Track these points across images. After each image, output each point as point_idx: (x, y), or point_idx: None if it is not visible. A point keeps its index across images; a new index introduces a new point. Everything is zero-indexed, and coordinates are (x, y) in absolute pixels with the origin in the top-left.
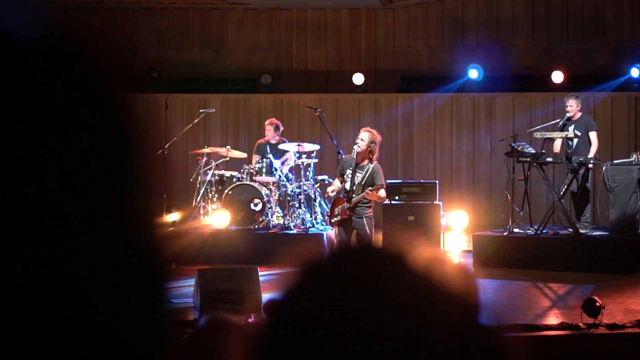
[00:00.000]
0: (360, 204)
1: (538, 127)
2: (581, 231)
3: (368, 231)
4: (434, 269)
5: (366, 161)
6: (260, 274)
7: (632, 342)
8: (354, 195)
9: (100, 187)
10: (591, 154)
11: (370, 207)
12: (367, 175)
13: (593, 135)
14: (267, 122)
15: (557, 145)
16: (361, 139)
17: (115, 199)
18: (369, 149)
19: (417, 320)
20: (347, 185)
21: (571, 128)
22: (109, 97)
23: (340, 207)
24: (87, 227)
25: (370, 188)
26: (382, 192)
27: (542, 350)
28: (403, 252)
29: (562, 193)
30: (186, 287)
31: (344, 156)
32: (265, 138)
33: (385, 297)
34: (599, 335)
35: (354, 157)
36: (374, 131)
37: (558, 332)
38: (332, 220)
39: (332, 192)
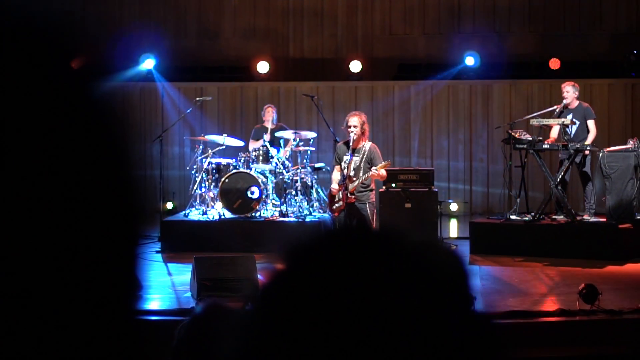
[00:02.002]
0: (361, 189)
1: (535, 114)
2: (586, 217)
3: (370, 217)
4: (425, 253)
5: (361, 143)
6: (257, 261)
7: (629, 328)
8: (354, 180)
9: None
10: (589, 142)
11: (372, 191)
12: (365, 156)
13: (591, 124)
14: (268, 106)
15: (554, 133)
16: (354, 126)
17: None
18: (361, 131)
19: (408, 305)
20: (346, 171)
21: (569, 116)
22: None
23: (340, 193)
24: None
25: (374, 167)
26: (383, 171)
27: (540, 337)
28: (394, 236)
29: (558, 180)
30: (183, 275)
31: (337, 144)
32: (264, 122)
33: (375, 281)
34: (597, 322)
35: (350, 143)
36: (359, 112)
37: (555, 319)
38: (334, 207)
39: (335, 189)
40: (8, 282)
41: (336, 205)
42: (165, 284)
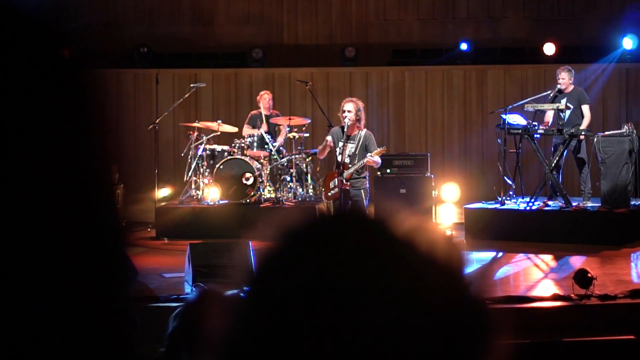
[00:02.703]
0: (356, 176)
1: (529, 99)
2: (584, 203)
3: (364, 203)
4: (418, 236)
5: (356, 130)
6: (252, 248)
7: (623, 312)
8: (350, 166)
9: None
10: (583, 126)
11: (366, 177)
12: (360, 143)
13: (586, 108)
14: (264, 92)
15: (548, 117)
16: (348, 111)
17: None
18: (357, 117)
19: (401, 290)
20: (340, 158)
21: (563, 101)
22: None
23: (335, 180)
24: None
25: (369, 153)
26: (378, 157)
27: (534, 322)
28: (386, 219)
29: (553, 164)
30: (178, 262)
31: (332, 128)
32: (260, 108)
33: (367, 265)
34: (591, 306)
35: (345, 130)
36: (355, 99)
37: (550, 304)
38: (329, 194)
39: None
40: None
41: (332, 192)
42: (160, 271)
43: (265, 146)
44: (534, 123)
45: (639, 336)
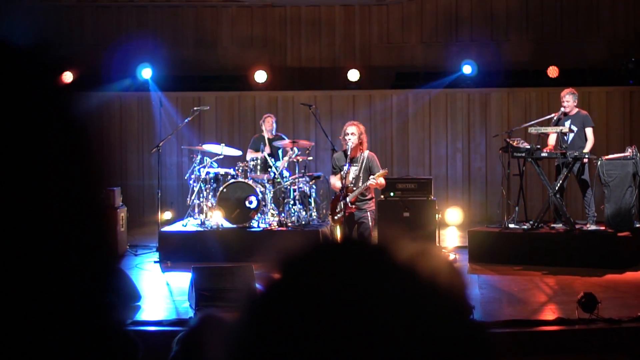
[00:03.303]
0: (362, 198)
1: (533, 122)
2: (588, 226)
3: (370, 225)
4: (420, 263)
5: (359, 152)
6: (255, 271)
7: (628, 337)
8: (354, 189)
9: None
10: (587, 150)
11: (371, 199)
12: (364, 165)
13: (589, 132)
14: (267, 115)
15: (552, 140)
16: (351, 134)
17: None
18: (359, 140)
19: (403, 316)
20: (345, 181)
21: (567, 123)
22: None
23: (341, 203)
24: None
25: (373, 176)
26: (382, 180)
27: (539, 346)
28: (388, 245)
29: (557, 188)
30: (181, 285)
31: (334, 154)
32: (263, 131)
33: (369, 292)
34: (596, 330)
35: (348, 153)
36: (357, 122)
37: (554, 327)
38: (335, 218)
39: (338, 187)
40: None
41: (337, 215)
42: (163, 294)
43: (269, 169)
44: (537, 146)
45: None
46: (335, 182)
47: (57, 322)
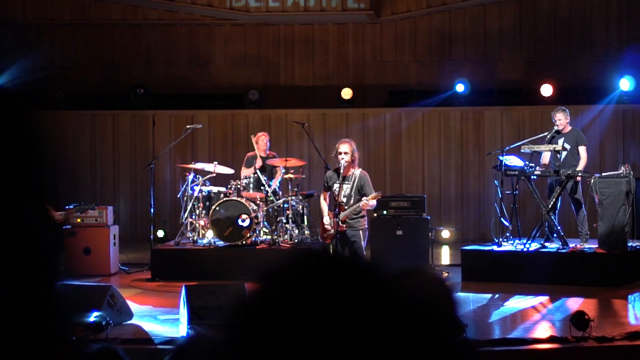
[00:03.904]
0: (353, 216)
1: (526, 140)
2: (582, 244)
3: (362, 243)
4: (410, 280)
5: (351, 170)
6: (247, 290)
7: (621, 355)
8: (345, 208)
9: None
10: (580, 168)
11: (364, 217)
12: (355, 183)
13: (582, 150)
14: (261, 133)
15: (545, 158)
16: (344, 152)
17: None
18: (352, 158)
19: (386, 333)
20: (337, 199)
21: (560, 141)
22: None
23: (332, 221)
24: None
25: (365, 198)
26: (373, 201)
27: None
28: (373, 261)
29: (550, 206)
30: (173, 303)
31: (327, 172)
32: (256, 151)
33: (351, 308)
34: (588, 349)
35: (341, 171)
36: (349, 140)
37: (547, 346)
38: (325, 235)
39: (328, 224)
40: None
41: (328, 233)
42: (155, 313)
43: (262, 187)
44: (530, 164)
45: None
46: (322, 203)
47: None
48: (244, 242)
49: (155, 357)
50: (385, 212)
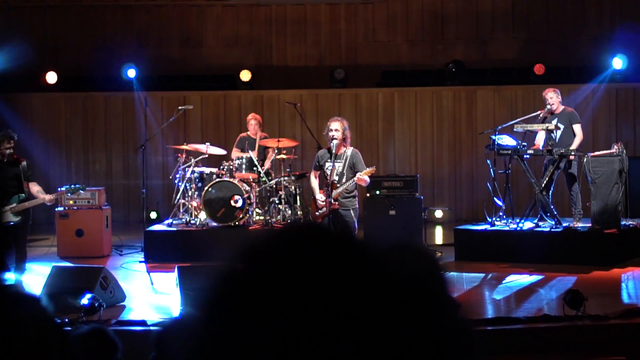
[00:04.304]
0: (346, 195)
1: (519, 119)
2: (575, 223)
3: (354, 222)
4: (395, 257)
5: (343, 149)
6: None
7: (615, 333)
8: (338, 186)
9: None
10: (574, 146)
11: (355, 197)
12: (347, 161)
13: (577, 128)
14: (251, 116)
15: (539, 139)
16: (335, 130)
17: None
18: (343, 136)
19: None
20: (329, 178)
21: (554, 121)
22: None
23: (325, 200)
24: None
25: (359, 173)
26: (367, 177)
27: (525, 343)
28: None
29: (543, 185)
30: (167, 285)
31: (319, 151)
32: (248, 132)
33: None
34: (582, 327)
35: (333, 150)
36: (341, 118)
37: (541, 325)
38: (317, 213)
39: (322, 200)
40: None
41: (319, 211)
42: (148, 294)
43: (254, 168)
44: (523, 143)
45: (629, 357)
46: (313, 181)
47: None
48: (236, 222)
49: (147, 339)
50: (378, 192)
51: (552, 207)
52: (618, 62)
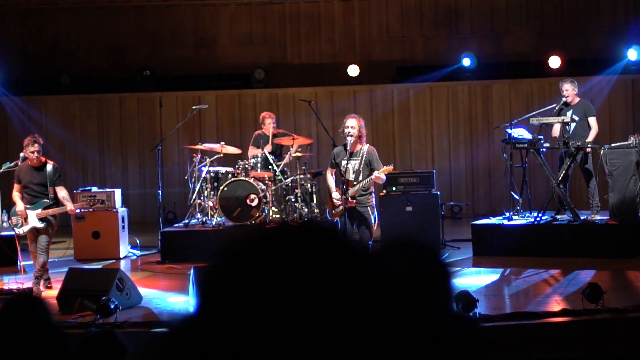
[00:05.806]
0: (362, 193)
1: (534, 112)
2: (593, 216)
3: (372, 220)
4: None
5: (359, 146)
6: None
7: (634, 327)
8: (355, 184)
9: None
10: (590, 139)
11: (372, 194)
12: (363, 159)
13: (592, 120)
14: (266, 114)
15: (555, 130)
16: (351, 127)
17: None
18: (359, 134)
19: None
20: (345, 176)
21: (569, 113)
22: None
23: (341, 197)
24: None
25: (377, 171)
26: (383, 175)
27: (544, 337)
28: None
29: (560, 178)
30: (183, 285)
31: (335, 148)
32: (264, 130)
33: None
34: (601, 321)
35: (348, 147)
36: (356, 115)
37: (560, 319)
38: (334, 212)
39: (338, 198)
40: None
41: (336, 209)
42: (165, 295)
43: (270, 167)
44: (539, 137)
45: None
46: (329, 178)
47: None
48: (253, 222)
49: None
50: (394, 189)
51: (569, 200)
52: (633, 54)
